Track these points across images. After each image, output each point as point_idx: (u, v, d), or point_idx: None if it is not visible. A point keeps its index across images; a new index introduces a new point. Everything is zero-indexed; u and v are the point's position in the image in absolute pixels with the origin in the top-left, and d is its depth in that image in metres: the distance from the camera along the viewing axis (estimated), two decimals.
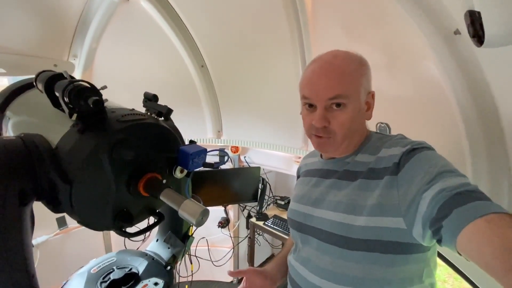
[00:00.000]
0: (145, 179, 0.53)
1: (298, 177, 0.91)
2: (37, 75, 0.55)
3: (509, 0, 0.43)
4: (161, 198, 0.51)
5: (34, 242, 1.58)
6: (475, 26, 0.50)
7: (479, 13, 0.49)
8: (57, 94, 0.47)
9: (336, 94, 0.63)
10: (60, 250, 1.78)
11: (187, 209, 0.48)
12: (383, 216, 0.57)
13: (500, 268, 0.39)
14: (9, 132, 0.66)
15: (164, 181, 0.57)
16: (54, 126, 0.52)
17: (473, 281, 0.90)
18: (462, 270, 0.94)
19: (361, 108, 0.66)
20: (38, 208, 0.49)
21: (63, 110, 0.48)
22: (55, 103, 0.51)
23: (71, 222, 1.81)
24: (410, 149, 0.59)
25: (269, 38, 1.55)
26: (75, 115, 0.46)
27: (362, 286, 0.61)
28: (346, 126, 0.65)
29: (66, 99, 0.45)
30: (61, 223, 1.77)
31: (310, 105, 0.68)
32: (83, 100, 0.45)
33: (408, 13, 0.81)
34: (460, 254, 0.46)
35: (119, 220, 0.53)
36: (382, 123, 1.10)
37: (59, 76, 0.51)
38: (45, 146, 0.46)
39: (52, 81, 0.50)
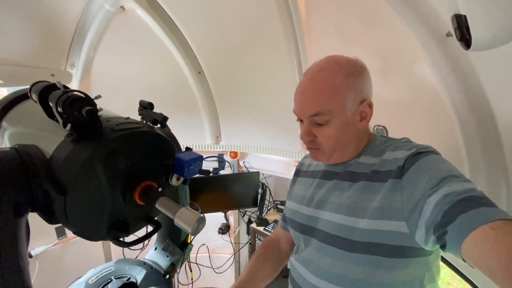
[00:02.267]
0: (141, 188, 0.53)
1: (296, 171, 0.91)
2: (31, 86, 0.55)
3: (494, 4, 0.44)
4: (157, 206, 0.51)
5: (33, 252, 1.56)
6: (462, 30, 0.50)
7: (465, 16, 0.48)
8: (51, 104, 0.47)
9: (315, 111, 0.64)
10: (59, 260, 1.75)
11: (182, 217, 0.47)
12: (386, 219, 0.57)
13: (505, 277, 0.38)
14: (5, 143, 0.66)
15: (160, 189, 0.56)
16: (49, 136, 0.52)
17: (476, 284, 0.90)
18: (464, 273, 0.93)
19: (350, 120, 0.65)
20: (37, 218, 0.49)
21: (57, 120, 0.48)
22: (49, 113, 0.51)
23: (70, 232, 1.79)
24: (415, 153, 0.58)
25: (265, 43, 1.56)
26: (69, 125, 0.46)
27: None
28: (332, 139, 0.66)
29: (59, 109, 0.45)
30: (60, 232, 1.75)
31: (301, 119, 0.70)
32: (76, 110, 0.45)
33: (401, 16, 0.82)
34: (464, 261, 0.45)
35: (115, 229, 0.53)
36: (379, 125, 1.10)
37: (53, 87, 0.51)
38: (40, 156, 0.46)
39: (46, 92, 0.50)
